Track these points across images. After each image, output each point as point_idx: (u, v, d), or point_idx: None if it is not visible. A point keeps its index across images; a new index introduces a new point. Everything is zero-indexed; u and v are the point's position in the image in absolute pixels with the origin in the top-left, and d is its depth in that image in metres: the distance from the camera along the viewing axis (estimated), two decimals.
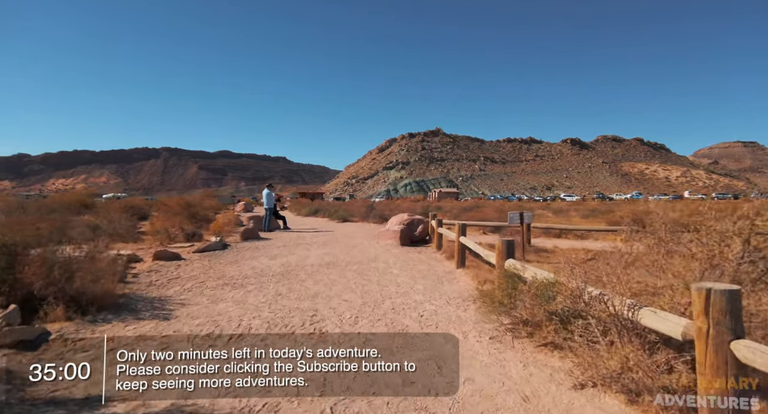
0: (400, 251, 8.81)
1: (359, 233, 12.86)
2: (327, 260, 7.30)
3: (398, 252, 8.68)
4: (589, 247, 9.13)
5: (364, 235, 12.08)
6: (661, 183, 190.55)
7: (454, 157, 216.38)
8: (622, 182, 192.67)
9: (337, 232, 13.22)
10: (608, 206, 29.42)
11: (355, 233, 12.89)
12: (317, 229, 14.53)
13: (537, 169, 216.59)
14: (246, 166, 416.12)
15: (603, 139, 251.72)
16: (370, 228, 14.93)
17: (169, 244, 9.33)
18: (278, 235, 12.06)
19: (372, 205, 18.62)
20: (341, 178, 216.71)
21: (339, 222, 18.38)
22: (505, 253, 4.27)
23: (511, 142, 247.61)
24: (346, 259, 7.52)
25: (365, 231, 13.64)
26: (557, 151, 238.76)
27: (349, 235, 12.36)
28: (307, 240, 10.81)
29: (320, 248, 9.07)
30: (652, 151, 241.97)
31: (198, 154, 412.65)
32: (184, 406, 2.28)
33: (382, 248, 9.19)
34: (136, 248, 8.78)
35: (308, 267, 6.60)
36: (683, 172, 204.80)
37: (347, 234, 12.60)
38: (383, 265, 6.88)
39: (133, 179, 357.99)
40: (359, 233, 12.86)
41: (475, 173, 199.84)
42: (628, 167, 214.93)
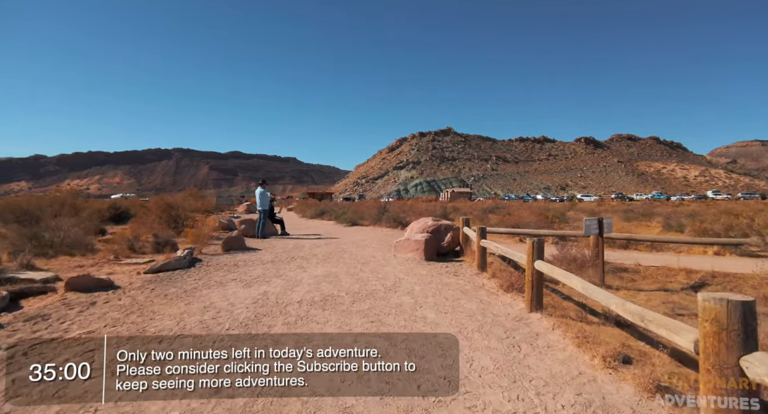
0: (428, 271, 6.42)
1: (371, 241, 10.51)
2: (325, 291, 4.93)
3: (425, 272, 6.29)
4: (688, 265, 6.63)
5: (377, 245, 9.73)
6: (679, 183, 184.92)
7: (466, 157, 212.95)
8: (639, 182, 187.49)
9: (343, 240, 10.89)
10: (646, 207, 26.61)
11: (366, 241, 10.54)
12: (320, 235, 12.22)
13: (550, 168, 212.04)
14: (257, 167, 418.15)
15: (618, 138, 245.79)
16: (384, 234, 12.56)
17: (122, 259, 7.09)
18: (271, 244, 9.78)
19: (385, 206, 16.28)
20: (351, 178, 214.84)
21: (347, 226, 16.05)
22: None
23: (523, 141, 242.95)
24: (352, 287, 5.16)
25: (378, 238, 11.29)
26: (571, 150, 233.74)
27: (359, 243, 10.01)
28: (305, 251, 8.48)
29: (319, 266, 6.73)
30: (669, 150, 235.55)
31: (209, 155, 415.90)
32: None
33: (402, 266, 6.81)
34: (74, 265, 6.56)
35: (293, 306, 4.24)
36: (702, 172, 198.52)
37: (356, 242, 10.25)
38: (409, 302, 4.50)
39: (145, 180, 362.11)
40: (371, 241, 10.51)
41: (487, 173, 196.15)
42: (644, 166, 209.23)
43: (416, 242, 7.66)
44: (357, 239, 10.98)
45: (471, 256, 7.63)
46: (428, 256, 7.58)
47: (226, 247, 8.40)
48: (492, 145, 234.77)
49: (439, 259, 7.77)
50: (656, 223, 14.57)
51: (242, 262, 7.06)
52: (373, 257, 7.75)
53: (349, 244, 9.76)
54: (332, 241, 10.47)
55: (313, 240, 10.89)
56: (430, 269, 6.57)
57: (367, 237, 11.65)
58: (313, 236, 12.03)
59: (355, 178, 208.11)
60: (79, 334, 3.18)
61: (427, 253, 7.56)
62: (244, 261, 7.16)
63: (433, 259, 7.62)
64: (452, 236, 8.30)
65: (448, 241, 8.26)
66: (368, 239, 11.03)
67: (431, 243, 7.73)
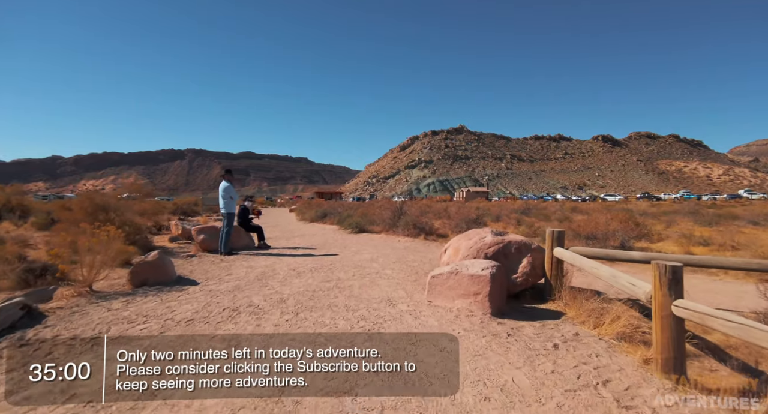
0: (517, 358, 2.80)
1: (385, 262, 6.87)
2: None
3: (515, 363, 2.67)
4: None
5: (394, 270, 6.10)
6: (702, 181, 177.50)
7: (479, 155, 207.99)
8: (659, 181, 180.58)
9: (344, 259, 7.28)
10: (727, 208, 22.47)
11: (378, 263, 6.90)
12: (313, 249, 8.65)
13: (567, 167, 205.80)
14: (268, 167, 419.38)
15: (636, 136, 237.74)
16: (402, 247, 8.91)
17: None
18: (227, 269, 6.23)
19: (401, 207, 12.66)
20: (361, 178, 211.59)
21: (352, 233, 12.45)
22: None
23: (538, 140, 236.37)
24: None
25: (395, 255, 7.66)
26: (588, 148, 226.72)
27: (366, 268, 6.38)
28: (271, 290, 4.89)
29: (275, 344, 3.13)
30: (690, 148, 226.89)
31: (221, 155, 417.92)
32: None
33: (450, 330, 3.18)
34: None
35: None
36: (726, 170, 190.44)
37: (362, 265, 6.62)
38: None
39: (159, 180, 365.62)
40: (385, 262, 6.87)
41: (501, 172, 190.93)
42: (664, 165, 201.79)
43: (473, 280, 4.01)
44: (364, 259, 7.35)
45: (573, 303, 3.98)
46: (496, 306, 3.94)
47: (137, 280, 4.87)
48: (506, 144, 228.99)
49: (513, 307, 4.13)
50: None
51: (125, 326, 3.51)
52: (390, 306, 4.12)
53: (350, 271, 6.13)
54: (325, 264, 6.85)
55: (299, 259, 7.31)
56: (517, 351, 2.94)
57: (380, 253, 8.01)
58: (302, 251, 8.45)
59: (365, 178, 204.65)
60: None
61: (493, 302, 3.92)
62: (132, 321, 3.62)
63: (502, 309, 3.98)
64: (530, 262, 4.63)
65: (524, 271, 4.60)
66: (380, 257, 7.40)
67: (500, 281, 4.08)
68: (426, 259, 7.29)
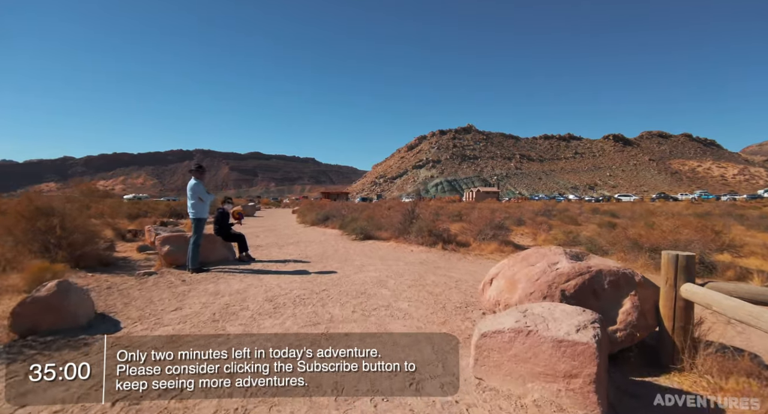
0: None
1: (398, 286, 5.10)
2: None
3: None
4: None
5: (414, 302, 4.32)
6: (717, 181, 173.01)
7: (488, 155, 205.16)
8: (672, 181, 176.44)
9: (343, 279, 5.52)
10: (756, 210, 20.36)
11: (389, 290, 5.12)
12: (307, 262, 6.90)
13: (577, 167, 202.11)
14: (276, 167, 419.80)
15: (648, 135, 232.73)
16: (418, 261, 7.11)
17: None
18: (183, 299, 4.52)
19: (413, 210, 10.89)
20: (368, 178, 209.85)
21: (357, 239, 10.70)
22: None
23: (548, 139, 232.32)
24: None
25: (409, 273, 5.89)
26: (598, 147, 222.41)
27: (372, 298, 4.62)
28: (222, 346, 3.16)
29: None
30: (703, 148, 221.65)
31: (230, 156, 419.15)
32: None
33: None
34: None
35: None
36: (741, 170, 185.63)
37: (366, 292, 4.85)
38: None
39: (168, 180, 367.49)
40: (398, 286, 5.10)
41: (510, 172, 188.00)
42: (677, 165, 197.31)
43: (563, 350, 2.23)
44: (369, 279, 5.57)
45: (727, 379, 2.20)
46: (606, 401, 2.18)
47: (21, 326, 3.16)
48: (515, 143, 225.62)
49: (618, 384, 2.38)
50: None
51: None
52: (414, 393, 2.37)
53: (349, 304, 4.37)
54: (317, 288, 5.09)
55: (284, 279, 5.57)
56: None
57: (390, 271, 6.23)
58: (291, 266, 6.71)
59: (372, 178, 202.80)
60: None
61: (601, 393, 2.16)
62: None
63: (610, 399, 2.23)
64: (636, 306, 2.85)
65: (628, 320, 2.81)
66: (391, 278, 5.63)
67: (606, 350, 2.32)
68: (452, 281, 5.51)
